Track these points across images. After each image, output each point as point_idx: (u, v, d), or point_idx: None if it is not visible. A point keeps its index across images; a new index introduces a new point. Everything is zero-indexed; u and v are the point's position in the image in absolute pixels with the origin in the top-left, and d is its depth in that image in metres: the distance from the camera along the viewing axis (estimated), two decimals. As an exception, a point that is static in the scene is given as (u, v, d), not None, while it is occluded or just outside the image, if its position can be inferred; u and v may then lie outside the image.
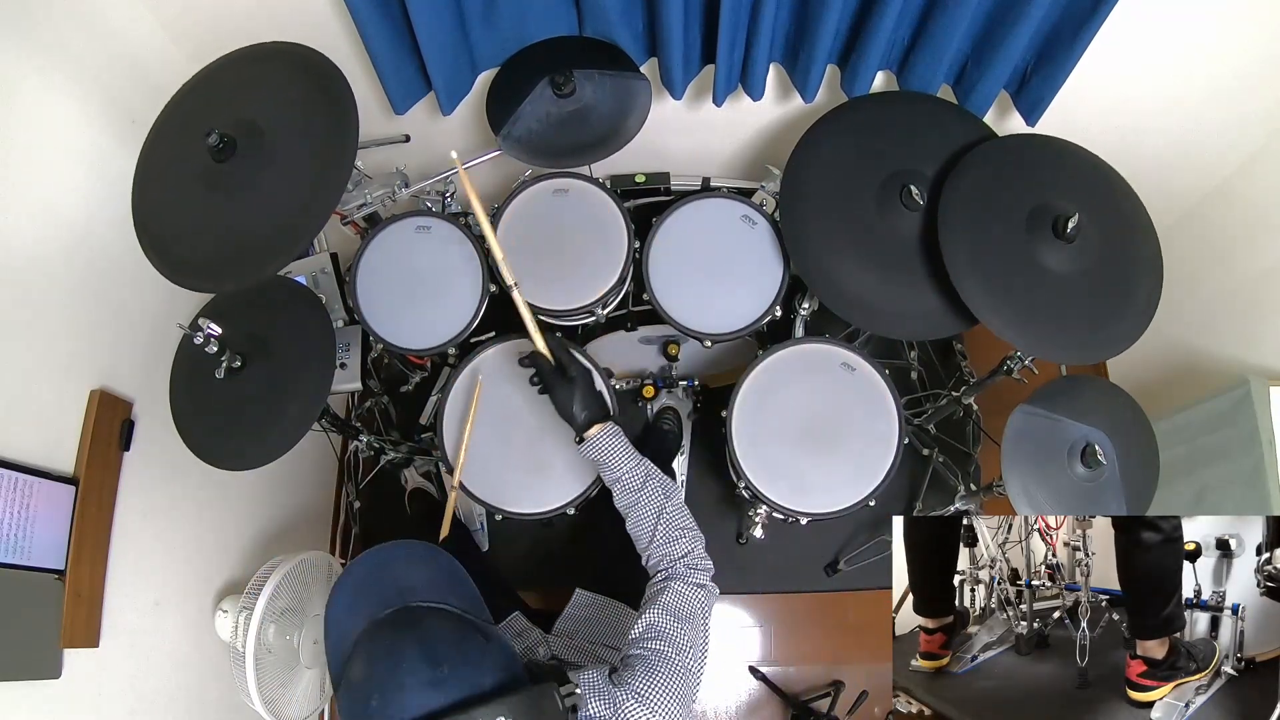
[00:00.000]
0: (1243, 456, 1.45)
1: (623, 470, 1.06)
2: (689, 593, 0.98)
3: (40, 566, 1.10)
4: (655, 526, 1.03)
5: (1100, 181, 1.34)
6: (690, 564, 1.02)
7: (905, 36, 1.37)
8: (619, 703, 0.85)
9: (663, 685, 0.88)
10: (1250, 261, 1.65)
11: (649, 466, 1.08)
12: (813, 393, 1.38)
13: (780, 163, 1.42)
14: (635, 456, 1.08)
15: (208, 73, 1.22)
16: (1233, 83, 1.42)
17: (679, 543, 1.02)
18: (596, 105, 1.42)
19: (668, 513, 1.04)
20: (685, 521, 1.06)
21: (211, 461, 1.26)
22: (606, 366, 1.43)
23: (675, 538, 1.03)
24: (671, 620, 0.94)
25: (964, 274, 1.23)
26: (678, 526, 1.04)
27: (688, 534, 1.04)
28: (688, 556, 1.02)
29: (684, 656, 0.92)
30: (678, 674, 0.90)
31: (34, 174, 1.15)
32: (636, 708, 0.85)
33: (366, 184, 1.51)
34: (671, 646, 0.92)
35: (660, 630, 0.93)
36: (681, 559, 1.01)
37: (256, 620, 1.35)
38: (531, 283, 1.44)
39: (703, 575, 1.02)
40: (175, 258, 1.13)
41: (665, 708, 0.87)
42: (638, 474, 1.07)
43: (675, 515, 1.05)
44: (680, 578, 0.99)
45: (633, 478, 1.06)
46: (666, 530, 1.03)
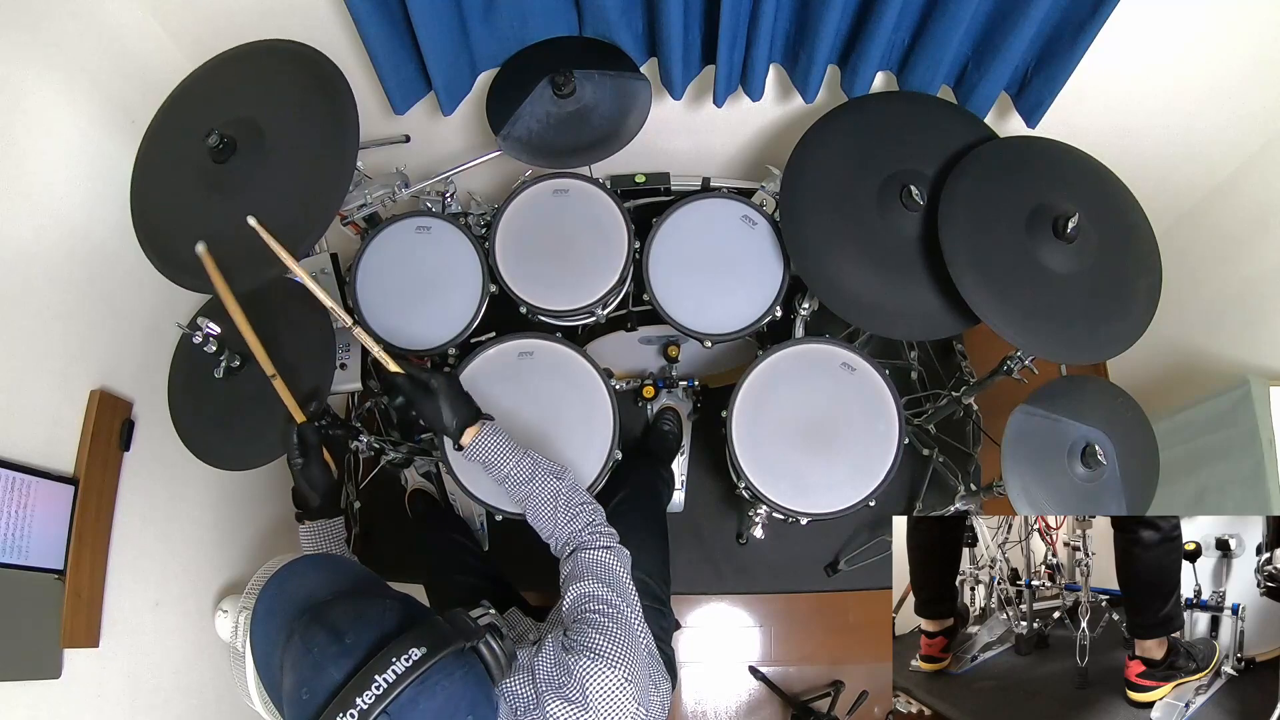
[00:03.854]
0: (1243, 456, 1.45)
1: (509, 466, 1.06)
2: (601, 556, 0.98)
3: (39, 566, 1.10)
4: (555, 511, 1.03)
5: (1100, 182, 1.34)
6: (593, 530, 1.02)
7: (905, 37, 1.37)
8: (572, 666, 0.85)
9: (612, 642, 0.87)
10: (1250, 261, 1.65)
11: (535, 456, 1.08)
12: (813, 393, 1.38)
13: (780, 163, 1.42)
14: (519, 450, 1.07)
15: (206, 70, 1.22)
16: (1233, 83, 1.42)
17: (579, 518, 1.03)
18: (596, 105, 1.42)
19: (563, 494, 1.04)
20: (581, 498, 1.06)
21: (211, 461, 1.26)
22: (606, 366, 1.43)
23: (575, 515, 1.03)
24: (597, 584, 0.94)
25: (965, 274, 1.23)
26: (576, 504, 1.04)
27: (586, 508, 1.04)
28: (589, 526, 1.02)
29: (623, 615, 0.92)
30: (624, 628, 0.90)
31: (33, 174, 1.15)
32: (590, 664, 0.85)
33: (366, 184, 1.51)
34: (608, 607, 0.92)
35: (591, 595, 0.93)
36: (583, 529, 1.02)
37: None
38: (531, 283, 1.45)
39: (609, 538, 1.02)
40: (175, 258, 1.13)
41: (622, 661, 0.86)
42: (524, 466, 1.06)
43: (570, 494, 1.05)
44: (587, 545, 1.00)
45: (520, 470, 1.06)
46: (566, 509, 1.03)
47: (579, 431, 1.37)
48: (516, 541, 1.95)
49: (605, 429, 1.37)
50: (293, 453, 1.10)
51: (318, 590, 0.78)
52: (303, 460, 1.10)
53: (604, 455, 1.36)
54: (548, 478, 1.06)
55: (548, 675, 0.85)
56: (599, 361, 1.40)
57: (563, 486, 1.05)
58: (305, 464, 1.10)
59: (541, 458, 1.09)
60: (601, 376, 1.39)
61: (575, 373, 1.41)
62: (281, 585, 0.80)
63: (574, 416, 1.38)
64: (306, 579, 0.80)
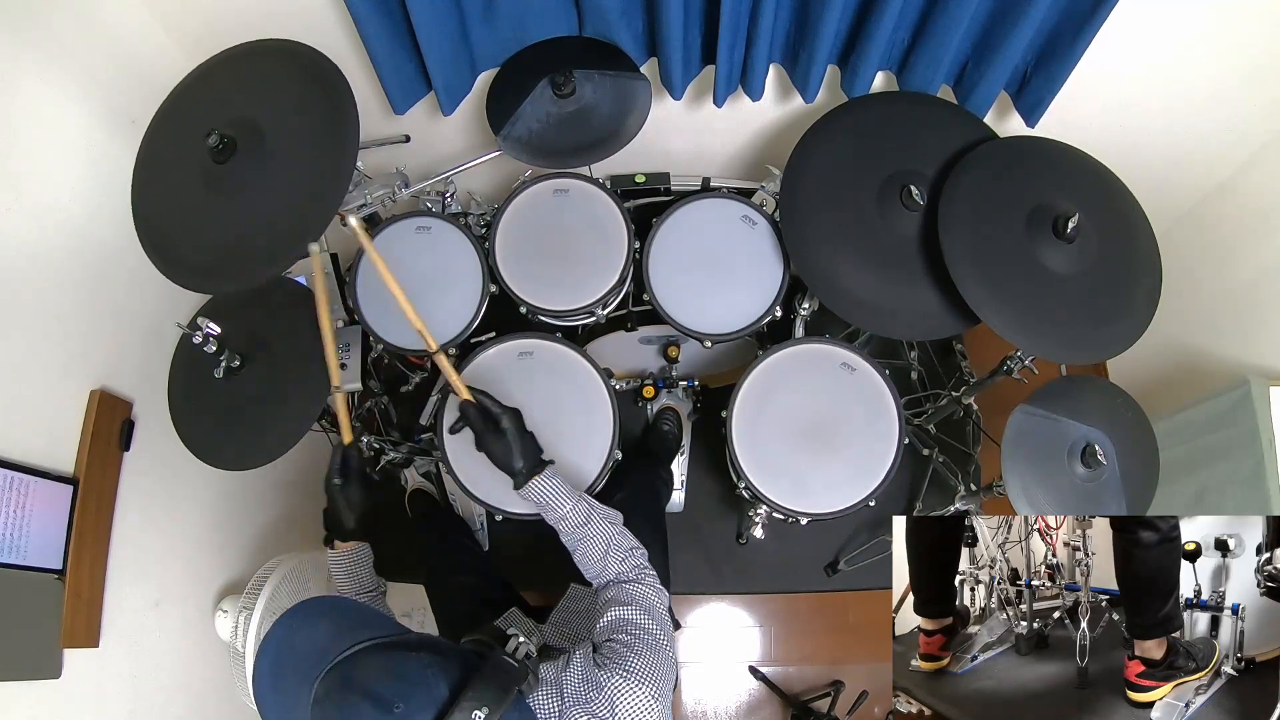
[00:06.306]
0: (1243, 456, 1.45)
1: (566, 509, 1.07)
2: (647, 592, 1.00)
3: (37, 566, 1.10)
4: (605, 555, 1.05)
5: (1100, 182, 1.34)
6: (640, 571, 1.04)
7: (905, 37, 1.37)
8: (602, 682, 0.85)
9: (646, 662, 0.88)
10: (1250, 261, 1.65)
11: (589, 502, 1.10)
12: (813, 393, 1.38)
13: (780, 163, 1.42)
14: (574, 495, 1.09)
15: (206, 69, 1.22)
16: (1233, 83, 1.42)
17: (628, 561, 1.05)
18: (596, 105, 1.42)
19: (615, 539, 1.06)
20: (631, 543, 1.08)
21: (211, 461, 1.26)
22: (606, 366, 1.43)
23: (624, 559, 1.05)
24: (638, 611, 0.96)
25: (965, 273, 1.23)
26: (626, 549, 1.06)
27: (635, 553, 1.07)
28: (636, 568, 1.05)
29: (659, 641, 0.93)
30: (659, 653, 0.91)
31: (34, 174, 1.15)
32: (622, 683, 0.85)
33: (366, 184, 1.51)
34: (645, 633, 0.93)
35: (629, 620, 0.94)
36: (631, 570, 1.04)
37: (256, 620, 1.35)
38: (532, 283, 1.45)
39: (654, 579, 1.04)
40: (175, 258, 1.13)
41: (652, 681, 0.86)
42: (580, 511, 1.08)
43: (623, 540, 1.07)
44: (635, 580, 1.02)
45: (576, 514, 1.07)
46: (618, 554, 1.05)
47: (579, 431, 1.37)
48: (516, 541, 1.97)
49: (605, 429, 1.37)
50: (335, 472, 1.10)
51: (330, 643, 0.74)
52: (342, 481, 1.11)
53: (604, 455, 1.36)
54: (602, 523, 1.07)
55: (575, 692, 0.85)
56: (599, 361, 1.40)
57: (615, 532, 1.07)
58: (345, 484, 1.11)
59: (595, 502, 1.10)
60: (601, 376, 1.39)
61: (575, 373, 1.41)
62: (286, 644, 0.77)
63: (574, 416, 1.38)
64: (316, 629, 0.77)
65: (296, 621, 0.79)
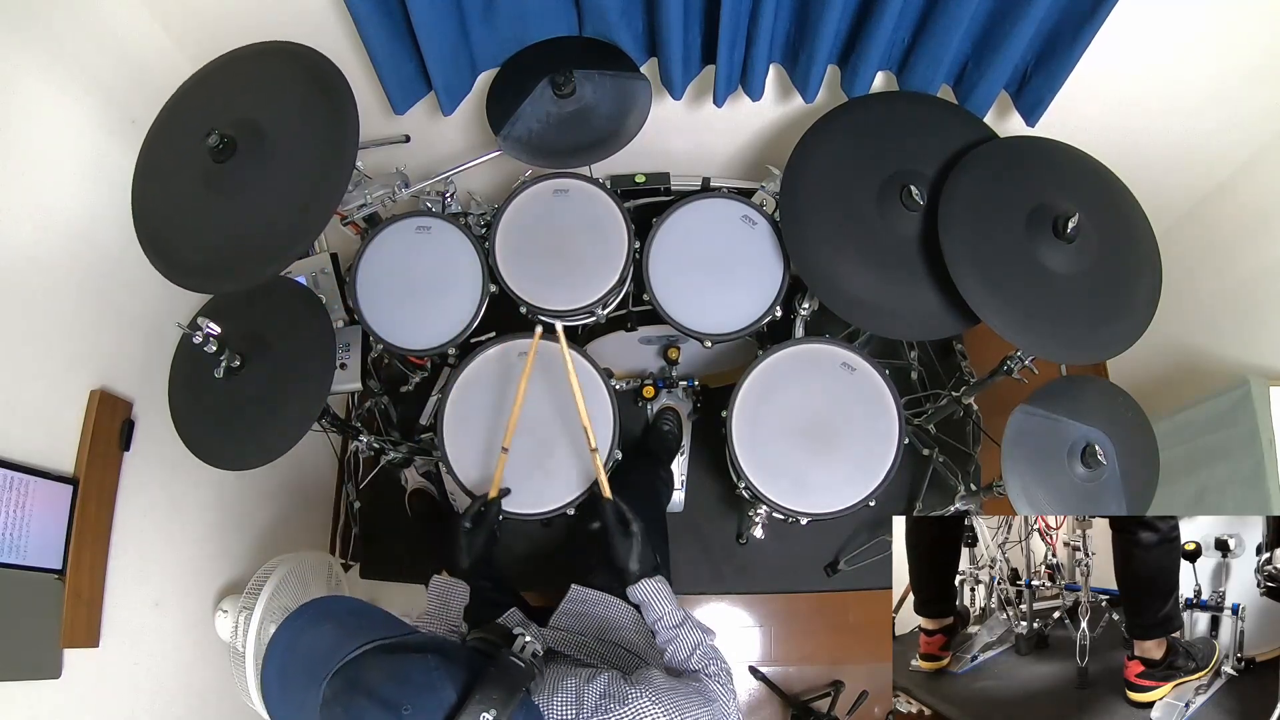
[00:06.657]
0: (1243, 456, 1.45)
1: (666, 610, 1.12)
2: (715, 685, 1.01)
3: (37, 566, 1.10)
4: (690, 655, 1.09)
5: (1100, 182, 1.34)
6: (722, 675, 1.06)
7: (905, 37, 1.37)
8: (628, 696, 0.85)
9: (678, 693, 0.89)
10: (1250, 261, 1.65)
11: (686, 611, 1.15)
12: (813, 393, 1.38)
13: (780, 163, 1.42)
14: (675, 599, 1.15)
15: (207, 71, 1.22)
16: (1233, 83, 1.42)
17: (710, 667, 1.07)
18: (596, 105, 1.42)
19: (703, 646, 1.09)
20: (716, 653, 1.11)
21: (211, 461, 1.26)
22: (606, 366, 1.43)
23: (708, 664, 1.08)
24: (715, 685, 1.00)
25: (965, 273, 1.23)
26: (710, 656, 1.09)
27: (716, 659, 1.09)
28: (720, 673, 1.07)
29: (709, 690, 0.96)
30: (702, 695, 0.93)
31: (34, 174, 1.16)
32: (649, 702, 0.86)
33: (366, 184, 1.51)
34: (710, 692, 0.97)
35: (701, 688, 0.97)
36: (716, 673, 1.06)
37: (256, 620, 1.35)
38: (531, 283, 1.45)
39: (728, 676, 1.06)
40: (175, 258, 1.13)
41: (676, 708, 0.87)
42: (679, 614, 1.12)
43: (712, 651, 1.10)
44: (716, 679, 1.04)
45: (674, 617, 1.12)
46: (701, 658, 1.08)
47: (579, 431, 1.37)
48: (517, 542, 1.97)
49: (605, 429, 1.37)
50: (469, 517, 1.20)
51: (334, 646, 0.74)
52: (472, 526, 1.20)
53: (604, 455, 1.36)
54: (694, 629, 1.11)
55: (594, 703, 0.85)
56: (599, 361, 1.40)
57: (706, 640, 1.10)
58: (473, 530, 1.20)
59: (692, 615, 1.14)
60: (601, 376, 1.39)
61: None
62: (292, 647, 0.77)
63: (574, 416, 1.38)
64: (320, 632, 0.77)
65: (301, 624, 0.79)
